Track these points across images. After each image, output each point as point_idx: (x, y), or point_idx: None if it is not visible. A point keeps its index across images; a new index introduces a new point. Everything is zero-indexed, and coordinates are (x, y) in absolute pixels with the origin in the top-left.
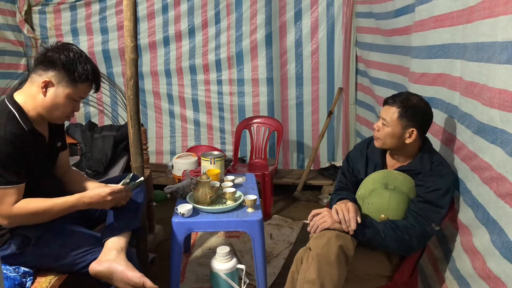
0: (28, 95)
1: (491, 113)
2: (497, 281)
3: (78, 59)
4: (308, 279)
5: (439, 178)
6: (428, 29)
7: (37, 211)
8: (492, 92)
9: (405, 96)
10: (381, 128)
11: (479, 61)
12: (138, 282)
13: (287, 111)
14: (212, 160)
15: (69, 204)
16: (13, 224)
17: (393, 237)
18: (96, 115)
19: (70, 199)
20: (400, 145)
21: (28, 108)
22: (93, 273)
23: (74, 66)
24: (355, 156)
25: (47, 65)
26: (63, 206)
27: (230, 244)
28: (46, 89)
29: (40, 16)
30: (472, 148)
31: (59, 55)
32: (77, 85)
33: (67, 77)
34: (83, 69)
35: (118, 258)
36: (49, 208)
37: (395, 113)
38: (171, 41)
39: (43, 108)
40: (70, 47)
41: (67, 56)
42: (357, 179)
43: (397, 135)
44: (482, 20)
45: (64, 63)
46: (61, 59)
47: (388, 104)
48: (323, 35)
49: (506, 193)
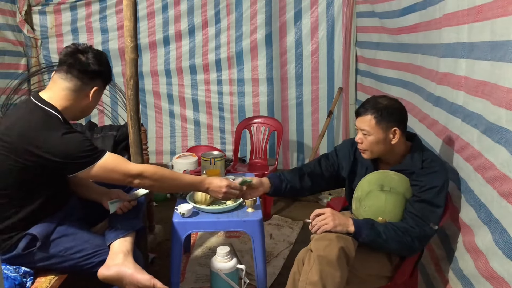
0: (67, 100)
1: (499, 113)
2: (501, 281)
3: (107, 64)
4: (311, 280)
5: (432, 175)
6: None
7: (166, 176)
8: (502, 91)
9: (373, 101)
10: (363, 140)
11: (492, 60)
12: (148, 284)
13: (287, 111)
14: (212, 160)
15: (193, 182)
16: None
17: (395, 239)
18: (96, 115)
19: (195, 178)
20: (387, 149)
21: (66, 111)
22: (102, 278)
23: (109, 72)
24: (342, 152)
25: (95, 75)
26: (188, 182)
27: (230, 244)
28: (93, 96)
29: (40, 16)
30: (478, 148)
31: (102, 68)
32: (105, 86)
33: (105, 83)
34: (111, 72)
35: (126, 262)
36: (176, 177)
37: (371, 120)
38: (171, 41)
39: (83, 111)
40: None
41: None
42: (337, 174)
43: (381, 140)
44: (495, 19)
45: (107, 72)
46: (105, 71)
47: (360, 115)
48: (323, 35)
49: (509, 192)
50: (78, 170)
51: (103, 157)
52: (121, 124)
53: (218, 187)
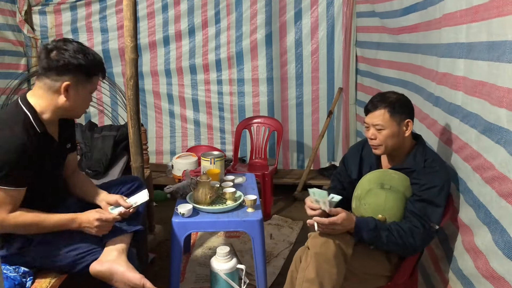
0: (43, 99)
1: (499, 113)
2: (501, 281)
3: (85, 56)
4: (307, 278)
5: (433, 174)
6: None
7: (29, 223)
8: (501, 91)
9: (382, 96)
10: (377, 135)
11: (489, 60)
12: (138, 283)
13: (287, 111)
14: (212, 160)
15: (62, 220)
16: (4, 231)
17: (395, 242)
18: (96, 115)
19: (64, 217)
20: (400, 142)
21: (43, 110)
22: (93, 273)
23: (85, 64)
24: (350, 157)
25: (60, 70)
26: (55, 224)
27: (230, 244)
28: (67, 92)
29: (40, 16)
30: (476, 148)
31: (69, 59)
32: (92, 78)
33: (83, 76)
34: (91, 63)
35: (119, 259)
36: (40, 223)
37: (385, 113)
38: (171, 41)
39: (66, 110)
40: (73, 47)
41: (76, 57)
42: (350, 179)
43: (396, 133)
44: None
45: (77, 65)
46: (73, 63)
47: (371, 111)
48: (323, 35)
49: (508, 193)
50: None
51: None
52: (121, 124)
53: (88, 222)
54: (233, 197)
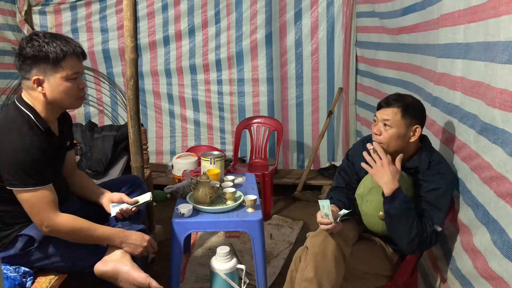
0: (32, 98)
1: (493, 113)
2: (500, 281)
3: (43, 43)
4: (306, 277)
5: (438, 176)
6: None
7: (80, 228)
8: (494, 91)
9: (399, 96)
10: (383, 131)
11: (486, 61)
12: (144, 282)
13: (287, 111)
14: (212, 160)
15: (108, 235)
16: (53, 234)
17: (417, 226)
18: (96, 115)
19: (111, 230)
20: (403, 146)
21: (39, 109)
22: (98, 273)
23: (45, 50)
24: (356, 155)
25: (25, 66)
26: (103, 234)
27: (230, 244)
28: (41, 86)
29: (40, 16)
30: (474, 148)
31: (27, 50)
32: (61, 64)
33: (48, 64)
34: (54, 47)
35: (124, 259)
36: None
37: (397, 112)
38: (171, 41)
39: (51, 103)
40: (32, 37)
41: (32, 46)
42: (358, 177)
43: (401, 135)
44: (488, 20)
45: (36, 54)
46: (30, 53)
47: (384, 107)
48: (323, 35)
49: (507, 193)
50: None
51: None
52: (121, 124)
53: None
54: (233, 197)
